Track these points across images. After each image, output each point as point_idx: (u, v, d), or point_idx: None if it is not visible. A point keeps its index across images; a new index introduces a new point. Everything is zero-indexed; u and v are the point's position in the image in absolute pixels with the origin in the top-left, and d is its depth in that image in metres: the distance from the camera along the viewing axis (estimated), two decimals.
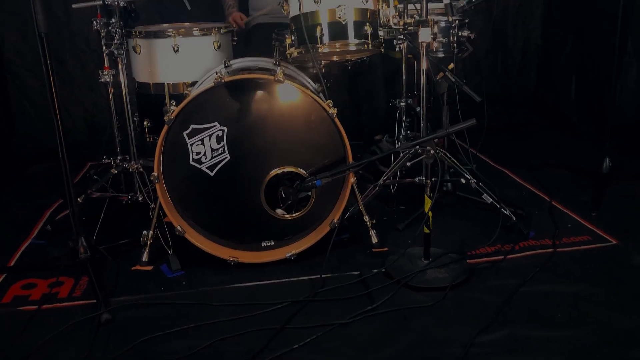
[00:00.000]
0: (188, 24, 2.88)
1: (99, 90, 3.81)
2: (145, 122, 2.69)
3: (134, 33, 2.62)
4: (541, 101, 4.16)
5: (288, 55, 2.37)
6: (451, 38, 2.75)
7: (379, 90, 3.02)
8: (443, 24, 2.82)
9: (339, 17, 2.24)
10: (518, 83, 4.29)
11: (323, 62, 2.49)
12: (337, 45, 2.27)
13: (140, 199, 2.46)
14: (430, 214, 2.01)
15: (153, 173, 2.08)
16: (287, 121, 2.12)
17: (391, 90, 3.05)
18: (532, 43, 4.22)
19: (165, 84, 2.62)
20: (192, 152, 2.09)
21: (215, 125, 2.08)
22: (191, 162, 2.10)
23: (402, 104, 2.85)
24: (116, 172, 2.49)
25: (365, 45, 2.27)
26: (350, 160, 2.11)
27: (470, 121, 1.88)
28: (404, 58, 2.77)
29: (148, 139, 2.72)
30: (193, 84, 2.59)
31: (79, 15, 3.70)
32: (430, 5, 2.60)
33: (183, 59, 2.61)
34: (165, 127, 2.02)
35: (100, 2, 2.23)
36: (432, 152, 1.93)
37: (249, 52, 2.96)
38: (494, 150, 3.34)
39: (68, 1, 3.68)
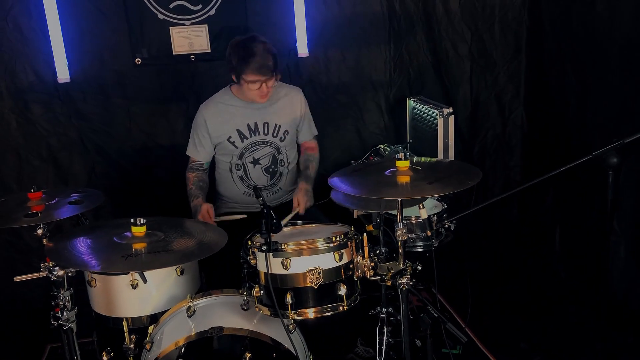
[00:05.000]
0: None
1: None
2: (104, 354, 2.45)
3: None
4: (524, 241, 4.02)
5: (257, 309, 2.17)
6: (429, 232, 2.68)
7: None
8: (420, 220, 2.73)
9: (311, 282, 2.05)
10: (500, 219, 4.14)
11: None
12: (311, 313, 2.07)
13: None
14: None
15: None
16: None
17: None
18: (513, 180, 4.09)
19: (124, 319, 2.39)
20: None
21: None
22: None
23: (383, 315, 2.67)
24: None
25: (341, 308, 2.09)
26: None
27: None
28: None
29: None
30: (154, 317, 2.40)
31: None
32: None
33: (143, 293, 2.40)
34: None
35: (45, 274, 2.01)
36: None
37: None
38: (480, 312, 3.01)
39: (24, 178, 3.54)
